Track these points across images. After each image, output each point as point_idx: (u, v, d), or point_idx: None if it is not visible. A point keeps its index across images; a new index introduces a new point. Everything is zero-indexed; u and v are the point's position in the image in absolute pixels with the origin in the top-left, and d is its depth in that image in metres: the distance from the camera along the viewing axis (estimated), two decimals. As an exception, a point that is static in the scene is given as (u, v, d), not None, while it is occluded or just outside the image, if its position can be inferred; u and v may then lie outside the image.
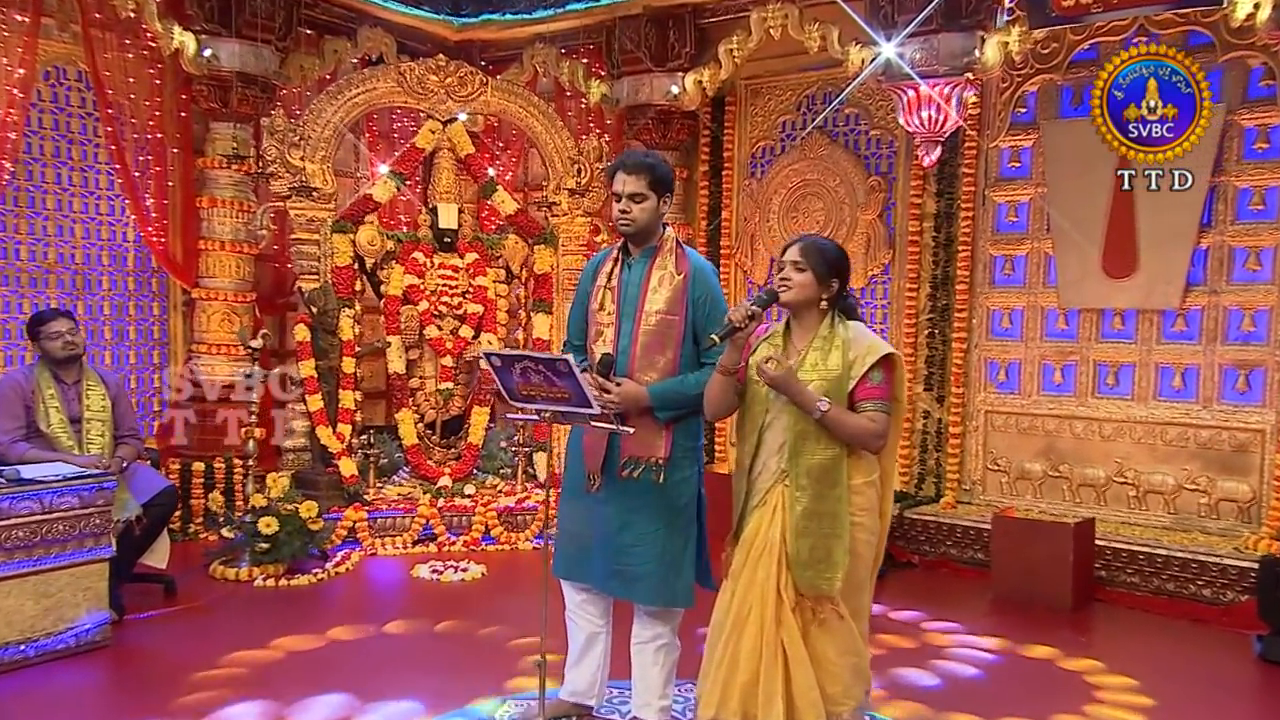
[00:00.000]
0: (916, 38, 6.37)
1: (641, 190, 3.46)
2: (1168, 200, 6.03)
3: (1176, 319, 6.14)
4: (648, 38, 7.59)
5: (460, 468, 7.05)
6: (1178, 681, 4.51)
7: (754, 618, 3.12)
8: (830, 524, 3.08)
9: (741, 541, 3.20)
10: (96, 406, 5.10)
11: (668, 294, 3.49)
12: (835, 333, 3.15)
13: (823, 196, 7.45)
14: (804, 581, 3.08)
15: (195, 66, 6.90)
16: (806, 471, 3.09)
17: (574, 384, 3.08)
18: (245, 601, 5.42)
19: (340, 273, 6.89)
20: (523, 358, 3.16)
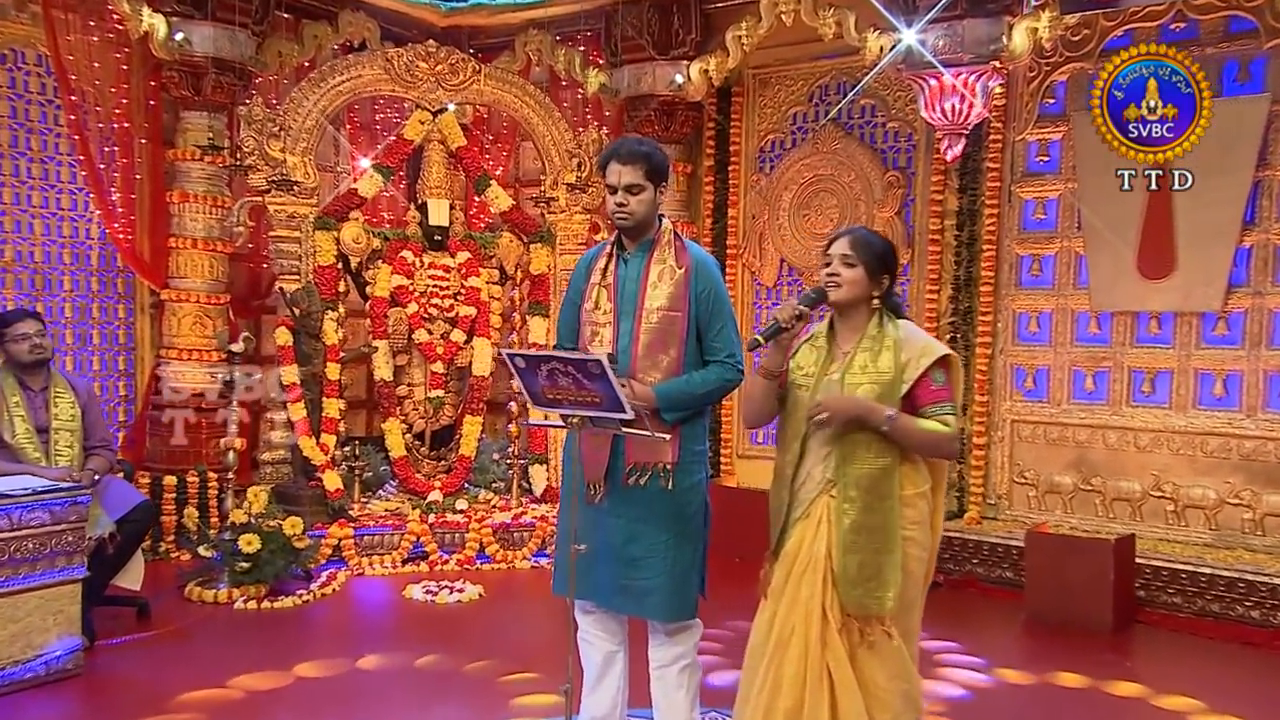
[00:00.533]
0: (939, 24, 6.28)
1: (638, 181, 3.36)
2: (1207, 196, 5.98)
3: (1218, 322, 6.07)
4: (650, 24, 7.49)
5: (451, 481, 6.90)
6: (1243, 708, 4.39)
7: (797, 640, 3.02)
8: (881, 538, 2.99)
9: (783, 557, 3.10)
10: (65, 415, 4.93)
11: (669, 289, 3.39)
12: (885, 332, 3.05)
13: (837, 193, 7.36)
14: (852, 601, 2.98)
15: (166, 51, 6.75)
16: (855, 481, 2.99)
17: (606, 386, 2.96)
18: (226, 626, 5.25)
19: (323, 272, 6.74)
20: (549, 358, 3.04)
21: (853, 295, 3.05)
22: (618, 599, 3.45)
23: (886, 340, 3.03)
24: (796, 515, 3.09)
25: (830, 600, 2.99)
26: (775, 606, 3.09)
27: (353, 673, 4.66)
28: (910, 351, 3.01)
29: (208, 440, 7.09)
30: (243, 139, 6.71)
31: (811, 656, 2.98)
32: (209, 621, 5.29)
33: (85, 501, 4.44)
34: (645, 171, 3.35)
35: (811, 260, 7.44)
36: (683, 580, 3.42)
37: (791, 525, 3.10)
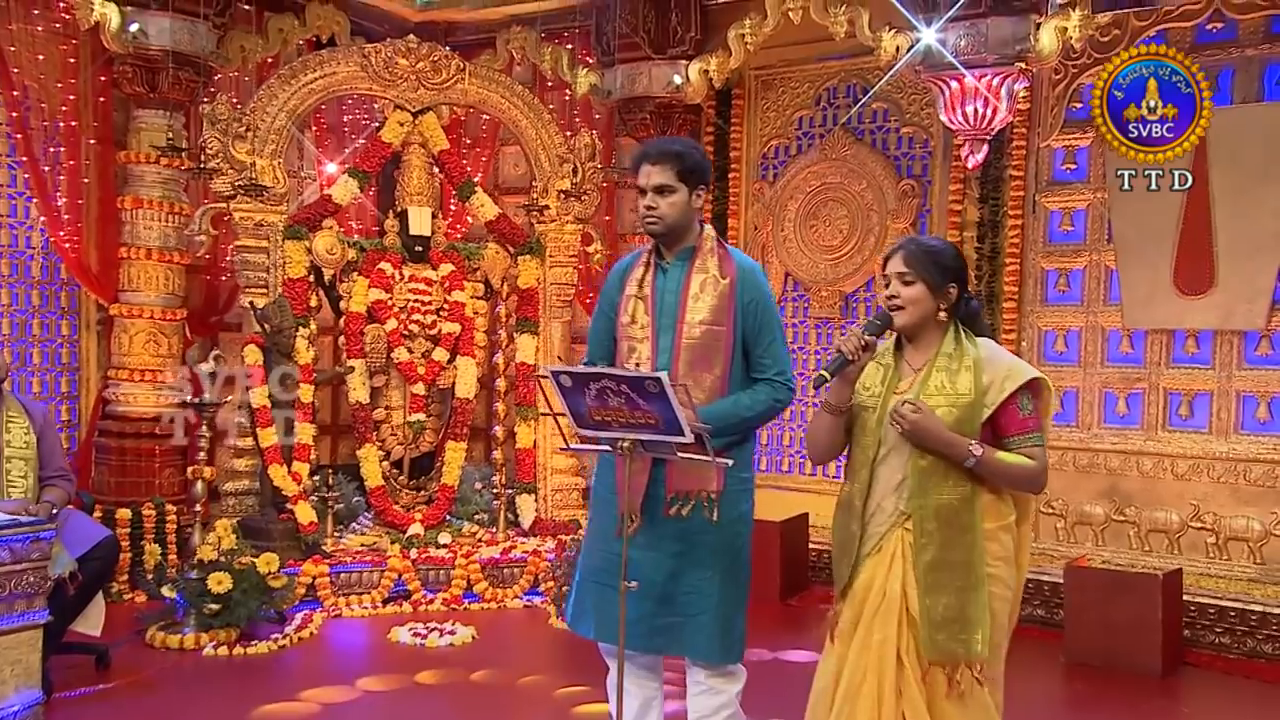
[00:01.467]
0: (961, 22, 6.30)
1: (668, 182, 3.31)
2: (1249, 208, 6.05)
3: (1261, 341, 6.09)
4: (647, 21, 7.44)
5: (433, 513, 6.76)
6: None
7: (869, 687, 2.94)
8: (963, 575, 2.92)
9: (851, 595, 3.03)
10: (19, 442, 4.74)
11: (712, 301, 3.36)
12: (963, 349, 2.99)
13: (847, 202, 7.34)
14: (934, 646, 2.90)
15: (119, 44, 6.61)
16: (934, 513, 2.92)
17: (665, 407, 2.88)
18: (195, 675, 5.08)
19: (294, 286, 6.60)
20: (600, 376, 2.96)
21: (918, 316, 2.99)
22: (656, 639, 3.38)
23: (965, 359, 2.97)
24: (867, 550, 3.02)
25: (907, 645, 2.92)
26: (844, 650, 3.02)
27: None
28: (993, 373, 2.94)
29: (161, 469, 6.92)
30: (205, 140, 6.56)
31: (885, 706, 2.90)
32: (176, 670, 5.11)
33: (49, 537, 4.25)
34: (677, 172, 3.31)
35: (820, 275, 7.43)
36: (729, 620, 3.37)
37: (861, 561, 3.02)
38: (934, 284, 2.96)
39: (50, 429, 4.96)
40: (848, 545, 3.05)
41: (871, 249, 7.16)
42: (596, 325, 3.61)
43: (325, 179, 8.29)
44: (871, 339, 2.94)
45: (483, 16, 8.13)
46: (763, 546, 6.58)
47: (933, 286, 2.96)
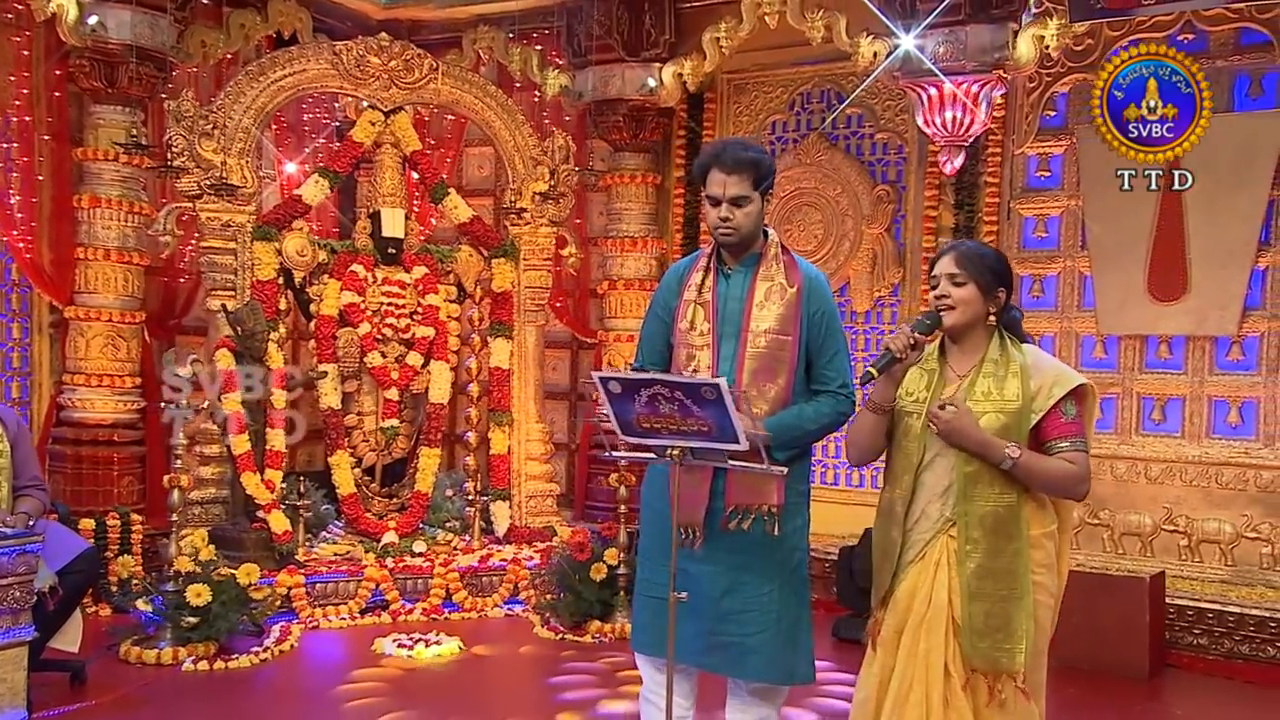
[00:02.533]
0: (940, 29, 6.36)
1: (745, 192, 3.22)
2: (1221, 215, 6.17)
3: (1232, 347, 6.22)
4: (620, 23, 7.41)
5: (407, 521, 6.63)
6: None
7: (915, 698, 2.92)
8: (1008, 584, 2.90)
9: (894, 604, 3.00)
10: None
11: (778, 310, 3.26)
12: (1009, 355, 2.97)
13: (821, 207, 7.36)
14: (978, 654, 2.88)
15: (77, 36, 6.41)
16: (979, 520, 2.90)
17: (720, 413, 2.81)
18: (177, 691, 4.90)
19: (263, 288, 6.42)
20: (652, 382, 2.88)
21: (968, 317, 2.96)
22: (711, 657, 3.29)
23: (1012, 365, 2.95)
24: (910, 558, 2.99)
25: (953, 654, 2.90)
26: (888, 660, 3.00)
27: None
28: (1041, 379, 2.93)
29: (120, 478, 6.71)
30: (171, 137, 6.37)
31: (933, 716, 2.88)
32: (156, 686, 4.92)
33: (36, 550, 4.08)
34: (753, 180, 3.22)
35: (795, 279, 7.42)
36: (790, 636, 3.30)
37: (904, 569, 3.00)
38: (985, 286, 2.95)
39: (24, 437, 4.76)
40: (889, 552, 3.02)
41: (847, 254, 7.20)
42: (649, 329, 3.50)
43: (285, 179, 8.14)
44: (920, 337, 2.91)
45: (449, 15, 8.03)
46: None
47: (984, 288, 2.95)
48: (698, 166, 3.36)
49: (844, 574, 6.10)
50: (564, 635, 5.79)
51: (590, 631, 5.79)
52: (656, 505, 3.39)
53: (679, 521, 3.23)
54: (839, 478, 7.33)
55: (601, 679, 5.15)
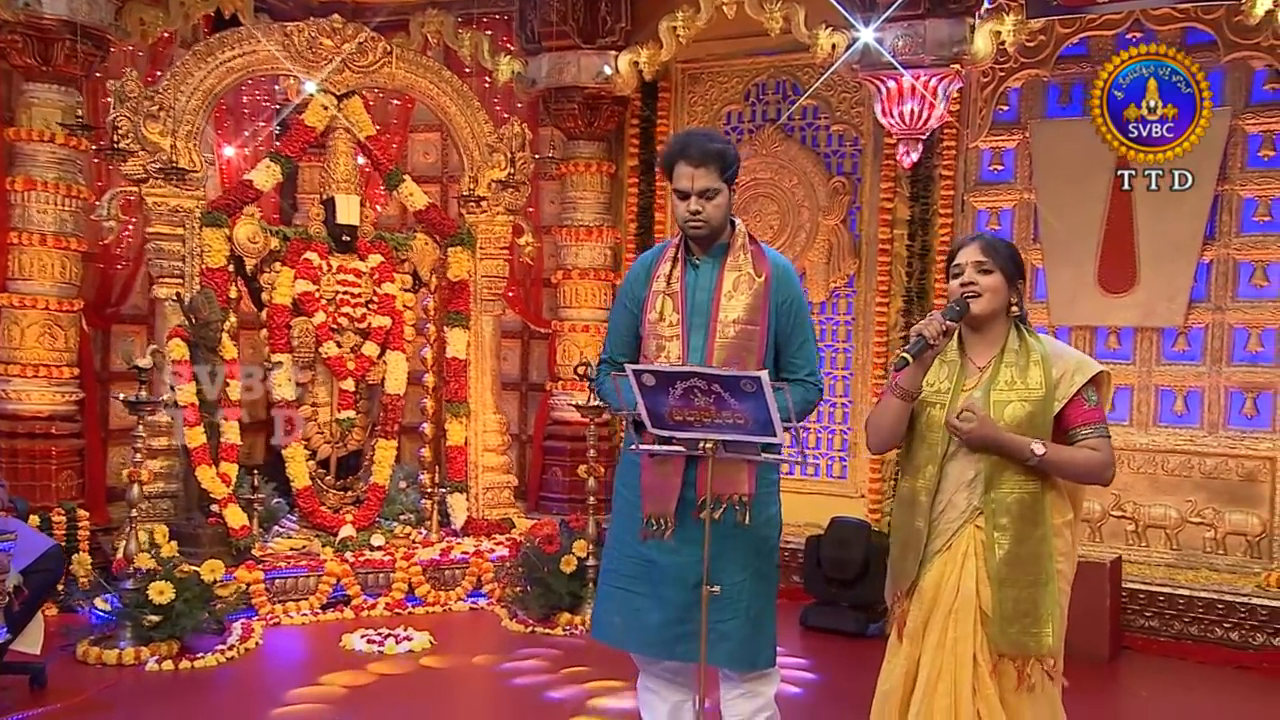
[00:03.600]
0: (899, 23, 6.43)
1: (713, 184, 3.22)
2: (1169, 210, 6.32)
3: (1178, 338, 6.40)
4: (576, 10, 7.34)
5: (363, 514, 6.50)
6: None
7: (944, 687, 2.92)
8: (1035, 570, 2.93)
9: (920, 593, 3.00)
10: (-54, 445, 4.34)
11: (746, 299, 3.28)
12: (1029, 344, 2.99)
13: (777, 198, 7.39)
14: (1007, 640, 2.90)
15: (9, 11, 6.17)
16: (1007, 508, 2.92)
17: (758, 406, 2.80)
18: (145, 693, 4.73)
19: (212, 276, 6.23)
20: (690, 375, 2.86)
21: (996, 305, 2.97)
22: (681, 646, 3.26)
23: (1033, 354, 2.97)
24: (936, 548, 2.99)
25: (980, 642, 2.91)
26: (913, 650, 3.00)
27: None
28: (1063, 367, 2.95)
29: (59, 472, 6.45)
30: (115, 118, 6.14)
31: (963, 704, 2.89)
32: (119, 688, 4.75)
33: (9, 548, 3.90)
34: (720, 172, 3.21)
35: (750, 270, 7.44)
36: (759, 623, 3.30)
37: (929, 559, 2.99)
38: (1010, 275, 2.97)
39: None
40: (913, 542, 3.02)
41: (803, 244, 7.24)
42: (617, 320, 3.49)
43: (225, 163, 7.92)
44: (951, 324, 2.92)
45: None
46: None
47: (1009, 277, 2.97)
48: (664, 160, 3.35)
49: (811, 563, 6.14)
50: (534, 628, 5.73)
51: (560, 624, 5.74)
52: (626, 496, 3.39)
53: (649, 512, 3.27)
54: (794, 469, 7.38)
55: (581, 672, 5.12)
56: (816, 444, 7.30)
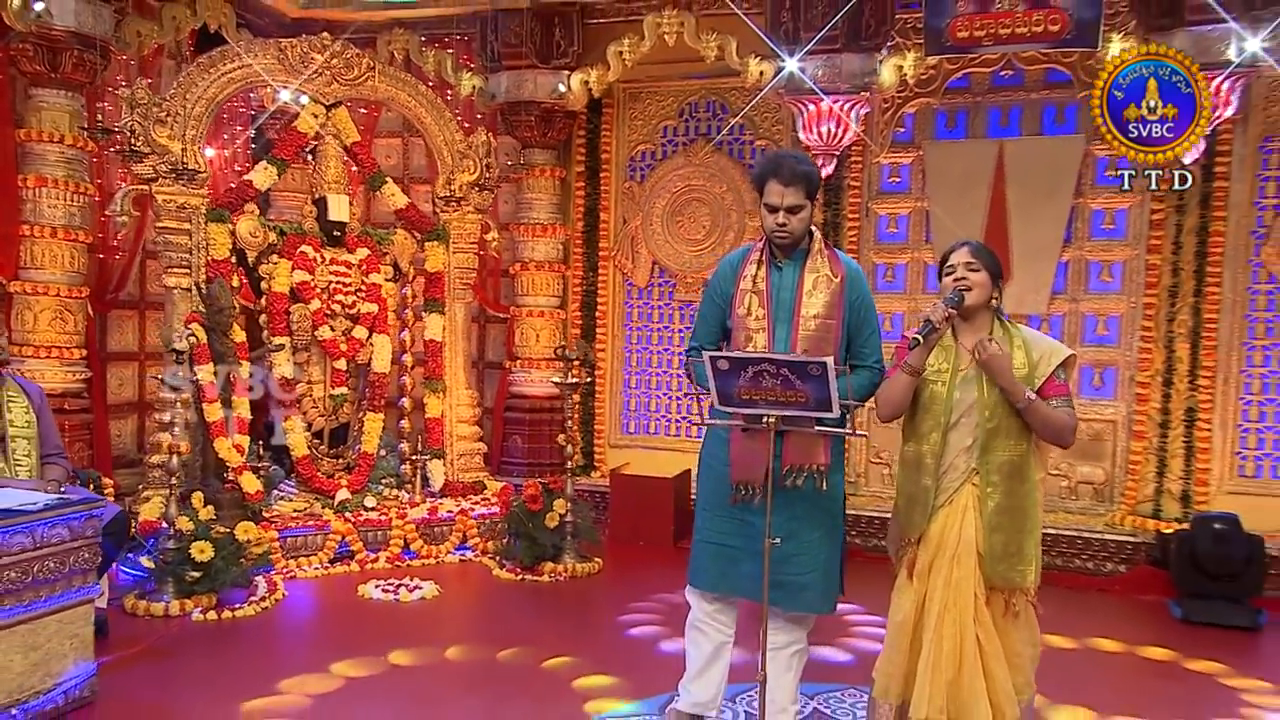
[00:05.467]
0: (818, 55, 6.73)
1: (800, 202, 3.39)
2: (1036, 217, 6.84)
3: (1042, 323, 6.90)
4: (533, 33, 7.44)
5: (356, 479, 6.55)
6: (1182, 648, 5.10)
7: (950, 617, 3.18)
8: (1020, 518, 3.19)
9: (927, 540, 3.24)
10: (20, 422, 4.35)
11: (825, 297, 3.43)
12: (1010, 332, 3.26)
13: (709, 202, 7.65)
14: (997, 575, 3.17)
15: (23, 22, 5.97)
16: (997, 468, 3.18)
17: (820, 388, 2.98)
18: (200, 640, 4.77)
19: (217, 266, 6.19)
20: (760, 360, 3.04)
21: (982, 298, 3.23)
22: (773, 592, 3.38)
23: (1015, 340, 3.23)
24: (940, 502, 3.22)
25: (977, 579, 3.17)
26: (921, 586, 3.24)
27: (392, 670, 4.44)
28: (1040, 350, 3.23)
29: (71, 445, 6.30)
30: (126, 123, 6.05)
31: (966, 631, 3.15)
32: (175, 636, 4.78)
33: (101, 514, 3.93)
34: (805, 191, 3.37)
35: (685, 264, 7.73)
36: (830, 575, 3.48)
37: (935, 512, 3.23)
38: (992, 274, 3.24)
39: (46, 409, 4.53)
40: (920, 498, 3.25)
41: (731, 242, 7.52)
42: (707, 312, 3.59)
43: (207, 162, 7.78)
44: (953, 311, 3.17)
45: (365, 17, 7.83)
46: (657, 499, 6.89)
47: (992, 275, 3.24)
48: (756, 177, 3.48)
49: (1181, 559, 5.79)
50: (524, 576, 5.90)
51: (545, 572, 5.93)
52: (714, 466, 3.53)
53: (738, 479, 3.42)
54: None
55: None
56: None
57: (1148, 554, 6.25)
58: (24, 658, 3.62)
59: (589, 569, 6.02)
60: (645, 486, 6.92)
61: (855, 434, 3.24)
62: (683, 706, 3.74)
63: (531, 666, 4.50)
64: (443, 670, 4.48)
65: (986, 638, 3.16)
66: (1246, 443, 6.69)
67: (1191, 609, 5.55)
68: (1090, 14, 6.11)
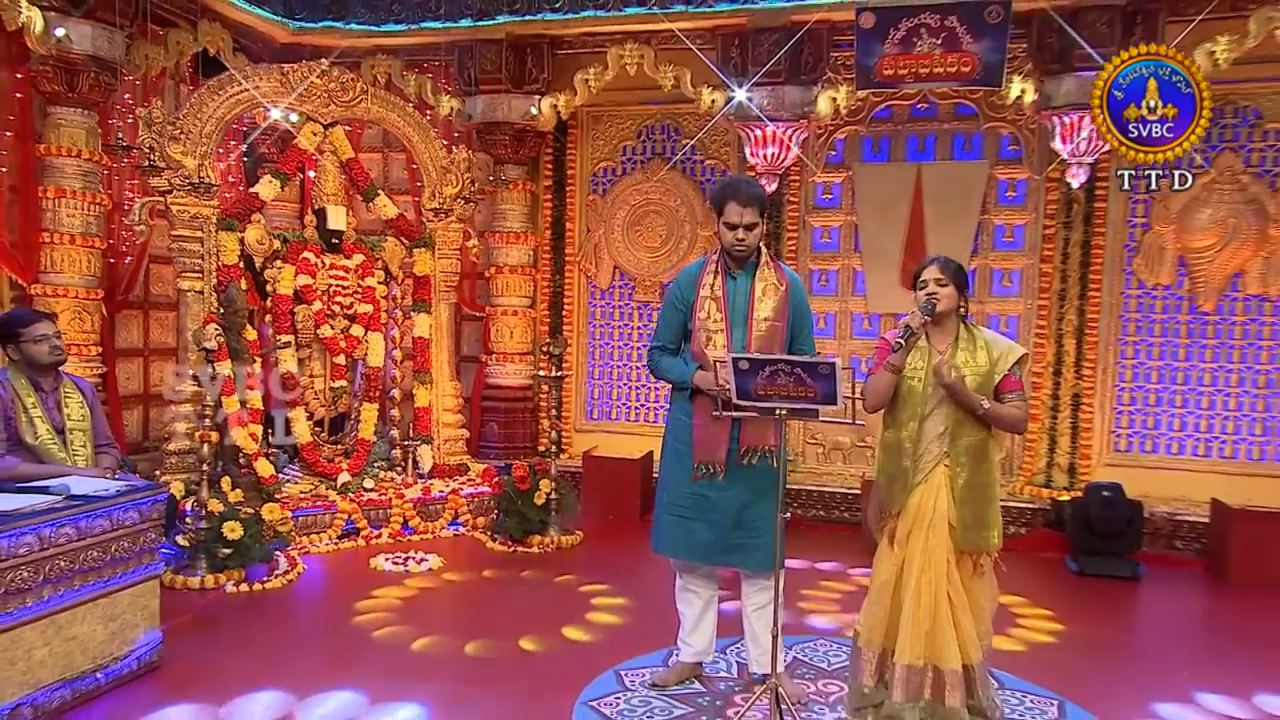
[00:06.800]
0: (764, 86, 7.02)
1: (755, 220, 3.60)
2: (949, 231, 7.23)
3: (955, 322, 7.30)
4: (508, 62, 7.57)
5: (355, 463, 6.63)
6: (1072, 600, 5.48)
7: (926, 577, 3.42)
8: (984, 493, 3.43)
9: (905, 513, 3.46)
10: (77, 415, 4.36)
11: (773, 302, 3.66)
12: (974, 335, 3.48)
13: (664, 214, 7.88)
14: (967, 542, 3.41)
15: (44, 46, 5.95)
16: (965, 450, 3.41)
17: (828, 384, 3.22)
18: (240, 610, 4.83)
19: (227, 271, 6.22)
20: (776, 361, 3.25)
21: (950, 306, 3.46)
22: (728, 556, 3.67)
23: (978, 341, 3.46)
24: (916, 480, 3.44)
25: (949, 546, 3.41)
26: (900, 552, 3.46)
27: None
28: (999, 350, 3.45)
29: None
30: (142, 141, 6.04)
31: (940, 590, 3.40)
32: (218, 606, 4.85)
33: (164, 499, 4.00)
34: (760, 211, 3.60)
35: (643, 269, 7.95)
36: (776, 537, 3.62)
37: (913, 489, 3.44)
38: (959, 286, 3.47)
39: (98, 404, 4.55)
40: (900, 477, 3.46)
41: (685, 250, 7.78)
42: (669, 316, 3.77)
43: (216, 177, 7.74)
44: (927, 318, 3.40)
45: (350, 43, 7.87)
46: (624, 478, 7.11)
47: (959, 287, 3.47)
48: (715, 198, 3.69)
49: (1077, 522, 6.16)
50: (515, 548, 6.05)
51: (534, 544, 6.10)
52: (677, 448, 3.75)
53: (700, 459, 3.62)
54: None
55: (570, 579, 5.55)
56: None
57: (1045, 519, 6.70)
58: (104, 627, 3.70)
59: (572, 541, 6.22)
60: (614, 467, 7.14)
61: (855, 423, 3.45)
62: (685, 657, 3.97)
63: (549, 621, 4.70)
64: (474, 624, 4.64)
65: (956, 595, 3.41)
66: (1120, 423, 7.19)
67: (1085, 564, 6.00)
68: (995, 58, 6.47)
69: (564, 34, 7.53)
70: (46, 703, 3.44)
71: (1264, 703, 4.01)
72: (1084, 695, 3.99)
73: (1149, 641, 5.00)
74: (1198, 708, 3.97)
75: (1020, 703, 3.91)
